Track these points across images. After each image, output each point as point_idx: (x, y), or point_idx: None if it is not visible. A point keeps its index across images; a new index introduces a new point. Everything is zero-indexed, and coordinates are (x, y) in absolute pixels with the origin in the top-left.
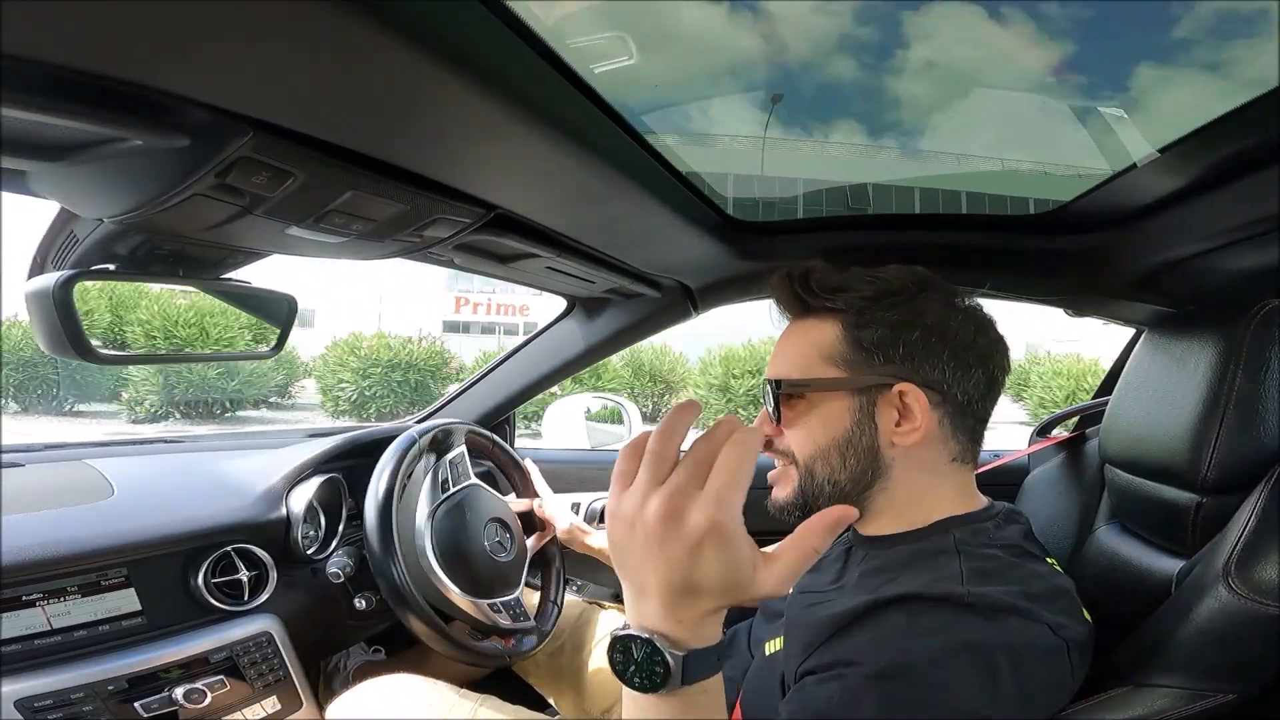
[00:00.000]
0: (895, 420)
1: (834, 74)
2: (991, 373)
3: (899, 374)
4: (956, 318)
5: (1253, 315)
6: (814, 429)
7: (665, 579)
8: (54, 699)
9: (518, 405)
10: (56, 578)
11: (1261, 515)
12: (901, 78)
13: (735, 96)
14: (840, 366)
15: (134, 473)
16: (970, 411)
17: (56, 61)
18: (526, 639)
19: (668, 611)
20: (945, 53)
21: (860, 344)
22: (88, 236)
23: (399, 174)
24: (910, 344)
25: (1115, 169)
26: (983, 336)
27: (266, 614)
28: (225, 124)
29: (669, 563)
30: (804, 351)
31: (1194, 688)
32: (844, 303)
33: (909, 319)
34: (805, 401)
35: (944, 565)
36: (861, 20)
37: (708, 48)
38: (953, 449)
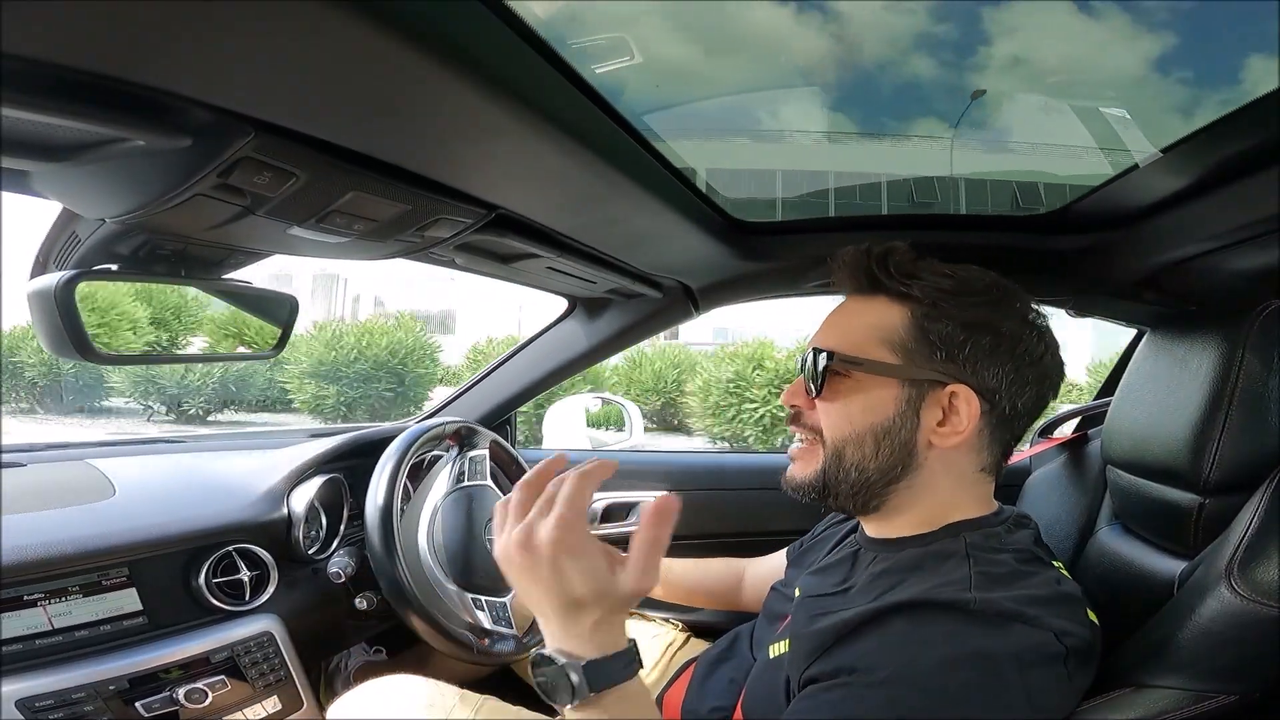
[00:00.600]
0: (939, 419)
1: (912, 72)
2: (1044, 393)
3: (957, 374)
4: (1032, 333)
5: (1255, 316)
6: (853, 410)
7: (547, 598)
8: (55, 699)
9: (519, 405)
10: (58, 577)
11: (1264, 516)
12: (986, 74)
13: (803, 95)
14: (898, 353)
15: (136, 472)
16: (1012, 426)
17: (58, 61)
18: (501, 643)
19: (563, 629)
20: (1033, 49)
21: (926, 335)
22: (90, 236)
23: (401, 174)
24: (979, 346)
25: (1117, 169)
26: (1050, 356)
27: (268, 614)
28: (227, 124)
29: (542, 583)
30: (862, 329)
31: (1196, 689)
32: (920, 290)
33: (984, 322)
34: (851, 380)
35: (952, 569)
36: (939, 18)
37: (774, 49)
38: (985, 458)
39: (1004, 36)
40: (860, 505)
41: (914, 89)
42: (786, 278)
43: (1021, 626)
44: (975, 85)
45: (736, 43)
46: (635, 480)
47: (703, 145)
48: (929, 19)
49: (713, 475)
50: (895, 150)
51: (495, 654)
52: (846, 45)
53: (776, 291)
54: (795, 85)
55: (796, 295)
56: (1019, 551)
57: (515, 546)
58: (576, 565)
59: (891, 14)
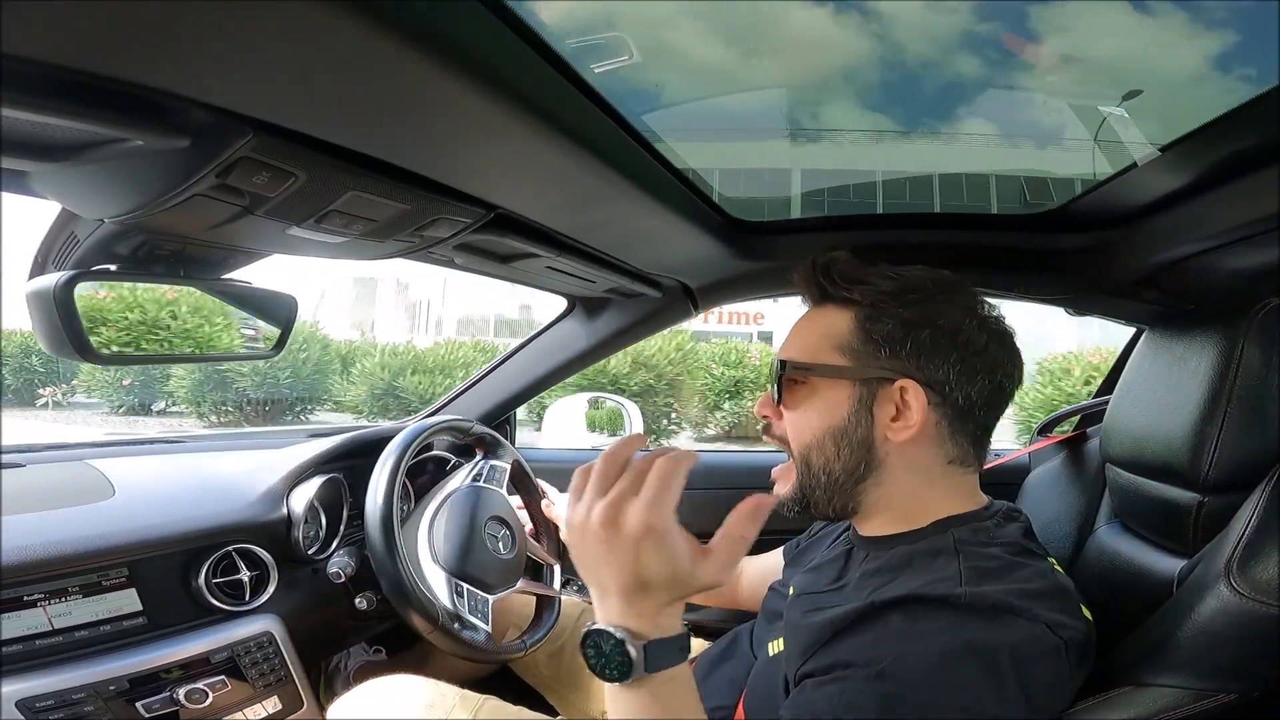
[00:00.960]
0: (892, 415)
1: (956, 71)
2: (998, 381)
3: (903, 370)
4: (971, 323)
5: (1254, 314)
6: (811, 415)
7: (617, 577)
8: (55, 699)
9: (519, 405)
10: (58, 578)
11: (1263, 514)
12: (1034, 73)
13: (847, 97)
14: (847, 355)
15: (135, 473)
16: (971, 417)
17: (57, 62)
18: (469, 631)
19: (626, 606)
20: (1085, 47)
21: (870, 336)
22: (88, 237)
23: (400, 174)
24: (919, 342)
25: (1116, 168)
26: (996, 345)
27: (268, 614)
28: (226, 124)
29: (617, 562)
30: (814, 337)
31: (1196, 687)
32: (860, 294)
33: (922, 318)
34: (807, 386)
35: (943, 565)
36: (982, 17)
37: (815, 50)
38: (950, 451)
39: (1053, 35)
40: (839, 509)
41: (957, 88)
42: (785, 277)
43: (1015, 619)
44: (1022, 84)
45: (773, 44)
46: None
47: (702, 145)
48: (972, 18)
49: (712, 475)
50: (938, 149)
51: (493, 651)
52: (888, 45)
53: (776, 291)
54: (835, 85)
55: (796, 294)
56: (1008, 545)
57: (599, 522)
58: (660, 550)
59: (933, 13)
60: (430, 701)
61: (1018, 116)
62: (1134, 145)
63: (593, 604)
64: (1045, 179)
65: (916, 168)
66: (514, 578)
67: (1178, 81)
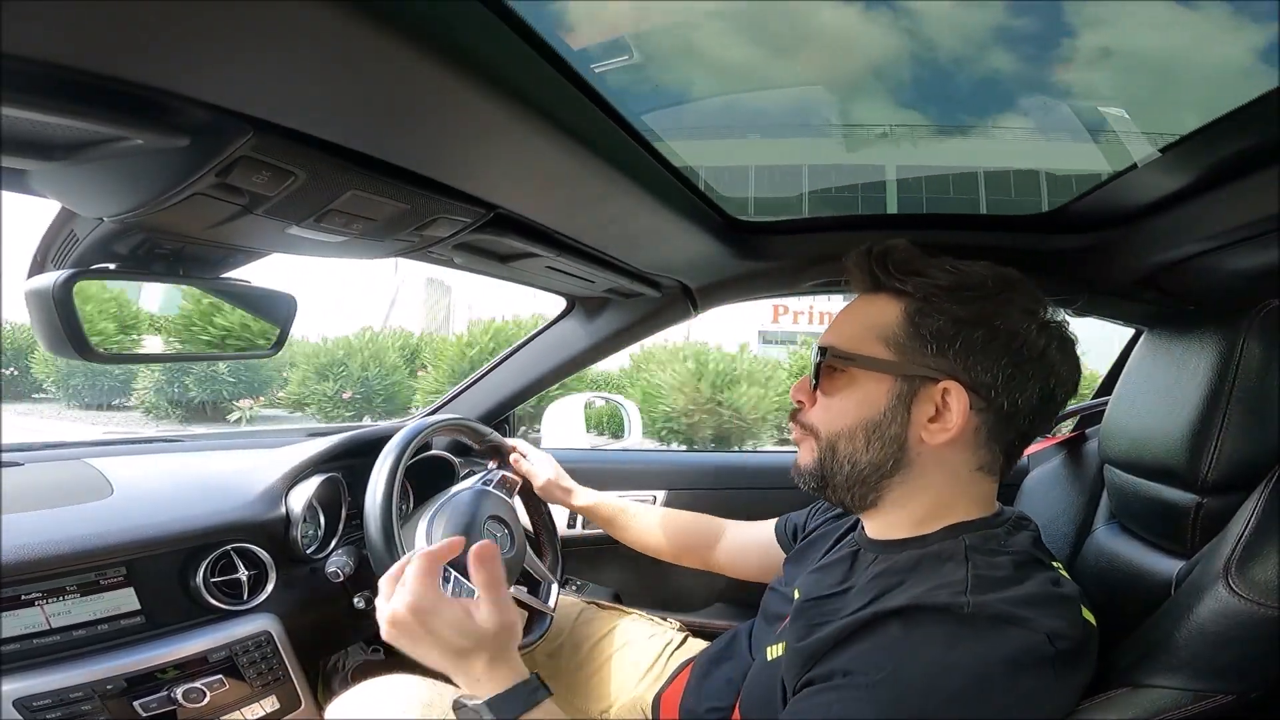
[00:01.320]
0: (931, 415)
1: (991, 67)
2: (1051, 390)
3: (949, 370)
4: (1031, 326)
5: (1254, 315)
6: (846, 405)
7: (435, 654)
8: (53, 698)
9: (518, 404)
10: (55, 577)
11: (1262, 516)
12: (1071, 68)
13: (880, 94)
14: (891, 349)
15: (133, 472)
16: (1014, 424)
17: (57, 61)
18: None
19: (463, 676)
20: (1124, 40)
21: (918, 331)
22: (88, 235)
23: (399, 174)
24: (970, 341)
25: (1116, 169)
26: (1055, 351)
27: (266, 613)
28: (226, 123)
29: (422, 643)
30: (860, 326)
31: (1194, 689)
32: (914, 286)
33: (977, 316)
34: (846, 375)
35: (951, 572)
36: (1016, 13)
37: (845, 47)
38: (981, 457)
39: (1090, 28)
40: (857, 499)
41: (992, 84)
42: (785, 277)
43: (1013, 629)
44: (1059, 79)
45: (802, 41)
46: (634, 479)
47: (701, 144)
48: (1006, 14)
49: (712, 475)
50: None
51: None
52: (920, 41)
53: (776, 290)
54: (868, 83)
55: (796, 294)
56: (1018, 554)
57: (386, 624)
58: (437, 621)
59: (964, 10)
60: (428, 700)
61: (1046, 115)
62: (1134, 146)
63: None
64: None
65: (939, 163)
66: (517, 569)
67: (1223, 75)
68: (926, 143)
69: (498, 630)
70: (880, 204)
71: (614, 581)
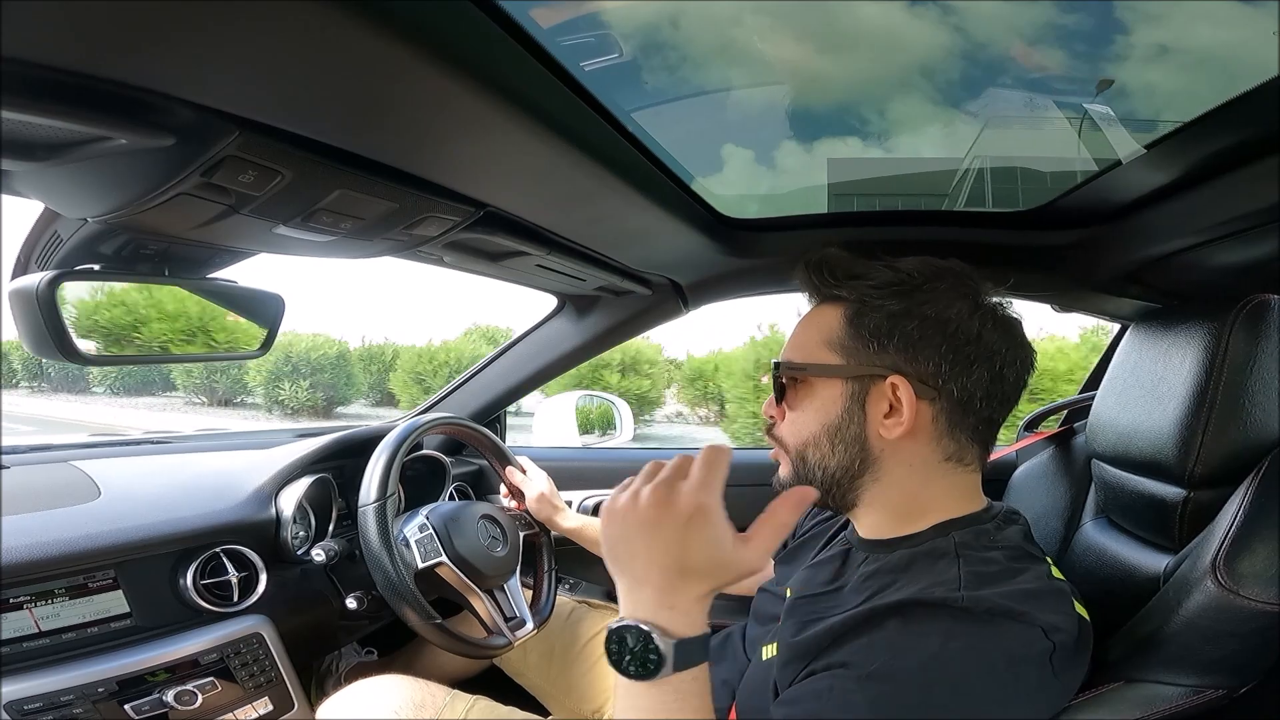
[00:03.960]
0: (885, 411)
1: (1037, 64)
2: (998, 371)
3: (892, 365)
4: (962, 310)
5: (1239, 309)
6: (807, 414)
7: (660, 561)
8: (43, 701)
9: (509, 403)
10: (44, 580)
11: (1249, 510)
12: (1125, 65)
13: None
14: (838, 353)
15: (120, 474)
16: (971, 409)
17: (40, 60)
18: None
19: (661, 598)
20: (1182, 36)
21: (858, 331)
22: (72, 236)
23: (388, 172)
24: (905, 334)
25: (1101, 165)
26: (993, 333)
27: (257, 615)
28: (211, 123)
29: (662, 543)
30: (809, 336)
31: (1185, 683)
32: (849, 290)
33: (908, 309)
34: (804, 385)
35: (943, 570)
36: (1065, 10)
37: (891, 46)
38: (947, 448)
39: (1144, 24)
40: (838, 501)
41: (1042, 83)
42: (776, 274)
43: (1011, 623)
44: (1113, 77)
45: (849, 39)
46: (626, 477)
47: (692, 141)
48: (1056, 10)
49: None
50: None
51: (486, 646)
52: (960, 38)
53: (766, 288)
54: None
55: (786, 292)
56: (1009, 549)
57: (649, 502)
58: (706, 530)
59: (1013, 7)
60: (421, 701)
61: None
62: (1119, 142)
63: (618, 599)
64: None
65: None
66: (514, 566)
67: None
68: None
69: (744, 573)
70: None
71: (606, 580)
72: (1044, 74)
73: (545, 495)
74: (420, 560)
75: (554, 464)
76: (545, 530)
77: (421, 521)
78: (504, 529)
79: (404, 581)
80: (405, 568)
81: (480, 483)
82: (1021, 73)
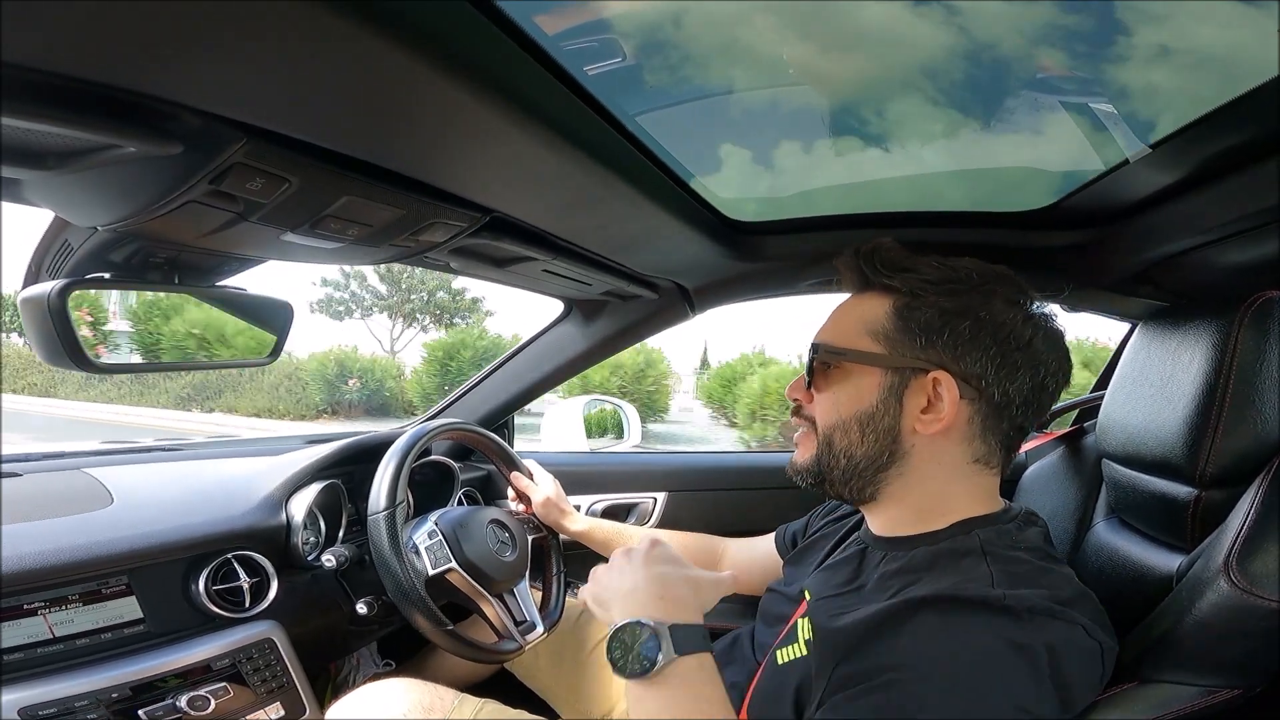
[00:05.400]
0: (923, 406)
1: (1040, 65)
2: (1041, 379)
3: (938, 361)
4: (1016, 316)
5: (1247, 308)
6: (840, 399)
7: (642, 582)
8: (58, 707)
9: (517, 408)
10: (57, 586)
11: (1261, 508)
12: (1127, 66)
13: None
14: (881, 342)
15: (133, 481)
16: (1007, 414)
17: (49, 69)
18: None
19: (652, 599)
20: (1183, 36)
21: (906, 324)
22: (82, 245)
23: (394, 179)
24: (957, 332)
25: (1108, 165)
26: (1042, 343)
27: (268, 620)
28: (219, 130)
29: (631, 575)
30: (850, 322)
31: (1199, 683)
32: (901, 282)
33: (963, 308)
34: (839, 370)
35: (971, 568)
36: (1067, 11)
37: (893, 47)
38: (977, 449)
39: (1146, 25)
40: (855, 493)
41: (1045, 83)
42: (782, 277)
43: (1053, 621)
44: (1115, 79)
45: (854, 40)
46: (634, 482)
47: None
48: (1055, 11)
49: (712, 475)
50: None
51: (497, 650)
52: (964, 39)
53: (773, 291)
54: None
55: (793, 294)
56: (1034, 550)
57: (618, 555)
58: (665, 556)
59: (1012, 7)
60: (429, 704)
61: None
62: (1125, 142)
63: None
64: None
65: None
66: (523, 569)
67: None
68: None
69: (708, 586)
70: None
71: None
72: (1047, 74)
73: (551, 499)
74: (430, 567)
75: (562, 469)
76: (553, 533)
77: (431, 528)
78: (512, 533)
79: (415, 589)
80: (416, 575)
81: (489, 487)
82: (1024, 73)
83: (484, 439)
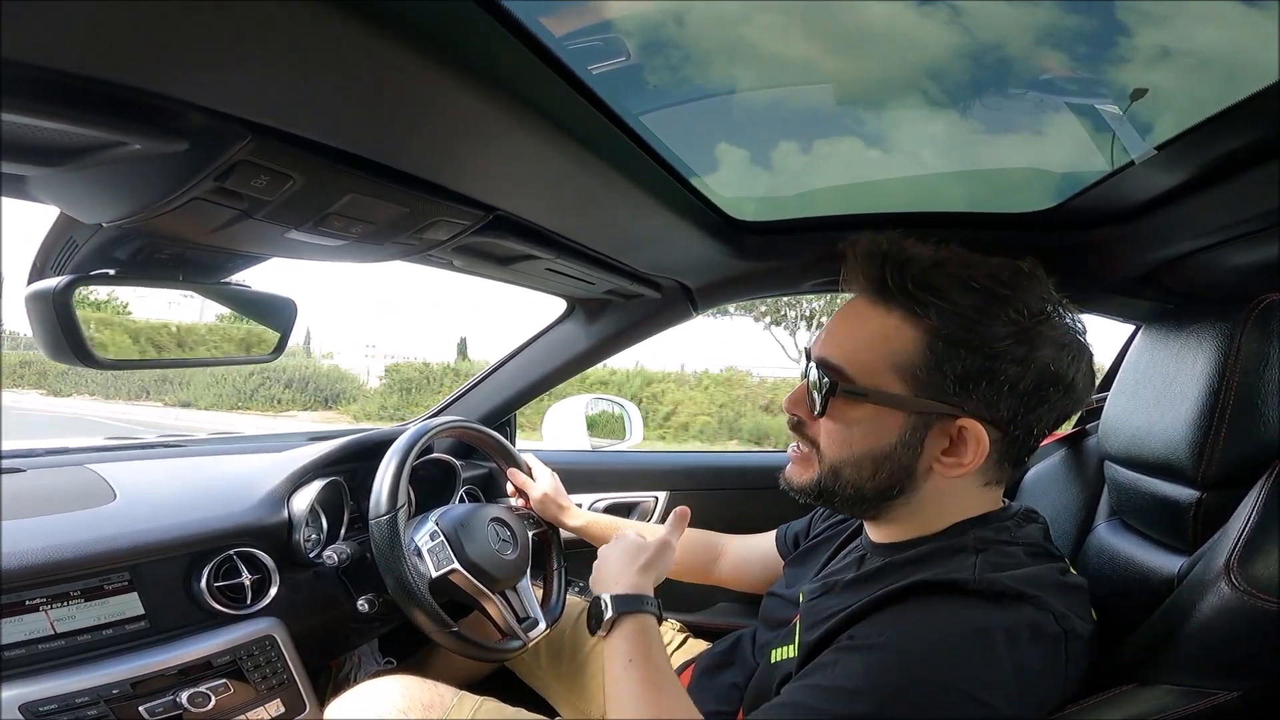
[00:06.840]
0: (944, 448)
1: (1043, 66)
2: (1067, 411)
3: (971, 410)
4: (1063, 360)
5: (1250, 309)
6: (854, 435)
7: (631, 553)
8: (59, 703)
9: (519, 406)
10: (59, 582)
11: (1263, 511)
12: (1128, 68)
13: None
14: (907, 382)
15: (135, 477)
16: (1026, 444)
17: (56, 66)
18: (512, 641)
19: (613, 581)
20: (1184, 38)
21: (940, 367)
22: (87, 241)
23: (398, 176)
24: (996, 381)
25: (1113, 166)
26: (1083, 380)
27: (269, 617)
28: (224, 128)
29: (621, 550)
30: (873, 350)
31: (1198, 685)
32: (938, 315)
33: (1007, 354)
34: (858, 405)
35: (960, 560)
36: (1067, 11)
37: (898, 48)
38: (990, 475)
39: (1147, 26)
40: (858, 513)
41: (1048, 84)
42: (785, 277)
43: (1019, 604)
44: (1116, 80)
45: (856, 40)
46: (635, 481)
47: (699, 145)
48: (1056, 12)
49: (712, 475)
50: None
51: (497, 649)
52: (968, 39)
53: (775, 290)
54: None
55: (795, 294)
56: (1028, 545)
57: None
58: (627, 537)
59: (1011, 8)
60: (429, 701)
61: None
62: (1131, 143)
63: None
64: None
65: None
66: (524, 567)
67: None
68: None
69: (656, 554)
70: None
71: None
72: (1050, 75)
73: (549, 494)
74: (433, 569)
75: (564, 467)
76: (554, 528)
77: (432, 529)
78: (513, 530)
79: (418, 591)
80: (419, 577)
81: (491, 485)
82: (1026, 74)
83: (483, 436)
